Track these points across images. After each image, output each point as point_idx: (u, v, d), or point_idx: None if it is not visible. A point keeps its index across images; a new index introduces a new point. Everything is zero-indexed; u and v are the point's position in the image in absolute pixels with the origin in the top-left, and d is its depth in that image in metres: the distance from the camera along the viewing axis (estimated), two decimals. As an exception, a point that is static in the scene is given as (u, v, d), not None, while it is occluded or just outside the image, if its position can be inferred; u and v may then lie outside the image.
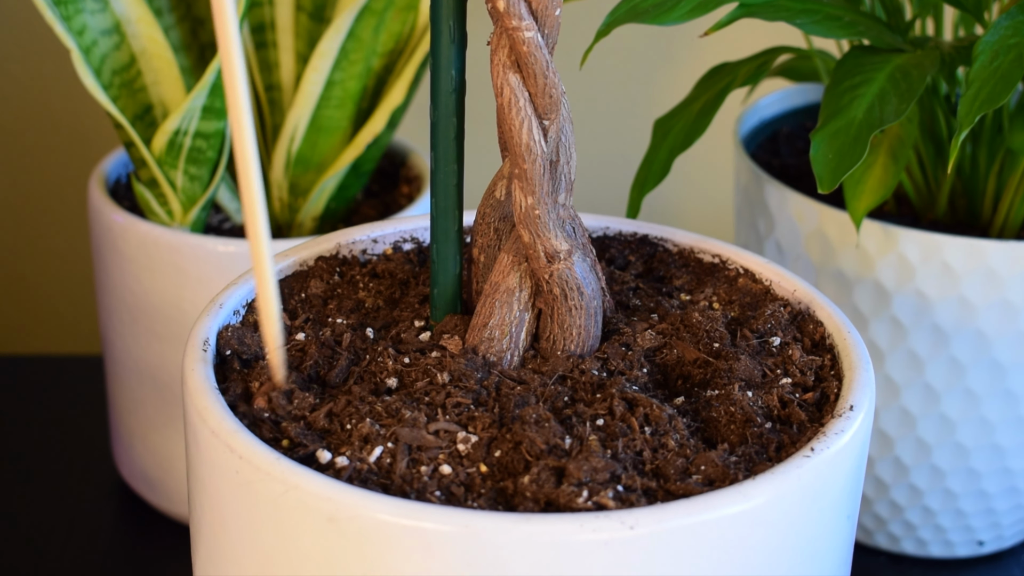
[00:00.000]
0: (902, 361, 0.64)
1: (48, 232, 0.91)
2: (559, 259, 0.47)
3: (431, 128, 0.48)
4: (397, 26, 0.70)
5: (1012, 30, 0.56)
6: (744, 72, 0.66)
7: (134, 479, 0.72)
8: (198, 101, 0.64)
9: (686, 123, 0.64)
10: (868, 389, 0.46)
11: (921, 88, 0.56)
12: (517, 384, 0.46)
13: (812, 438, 0.43)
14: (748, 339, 0.49)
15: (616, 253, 0.55)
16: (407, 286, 0.52)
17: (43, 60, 0.86)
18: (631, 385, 0.46)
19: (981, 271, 0.61)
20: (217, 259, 0.65)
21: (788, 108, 0.76)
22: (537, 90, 0.45)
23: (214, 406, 0.43)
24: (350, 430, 0.44)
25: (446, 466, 0.42)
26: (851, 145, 0.55)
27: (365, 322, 0.50)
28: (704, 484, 0.42)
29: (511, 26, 0.44)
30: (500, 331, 0.47)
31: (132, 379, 0.69)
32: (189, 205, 0.67)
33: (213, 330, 0.48)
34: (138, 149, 0.65)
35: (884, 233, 0.62)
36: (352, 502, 0.39)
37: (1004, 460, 0.66)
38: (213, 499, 0.43)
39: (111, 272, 0.68)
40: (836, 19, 0.59)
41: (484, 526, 0.39)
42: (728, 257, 0.54)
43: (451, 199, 0.49)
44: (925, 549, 0.70)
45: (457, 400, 0.45)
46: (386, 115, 0.68)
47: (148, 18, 0.66)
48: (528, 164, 0.45)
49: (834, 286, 0.65)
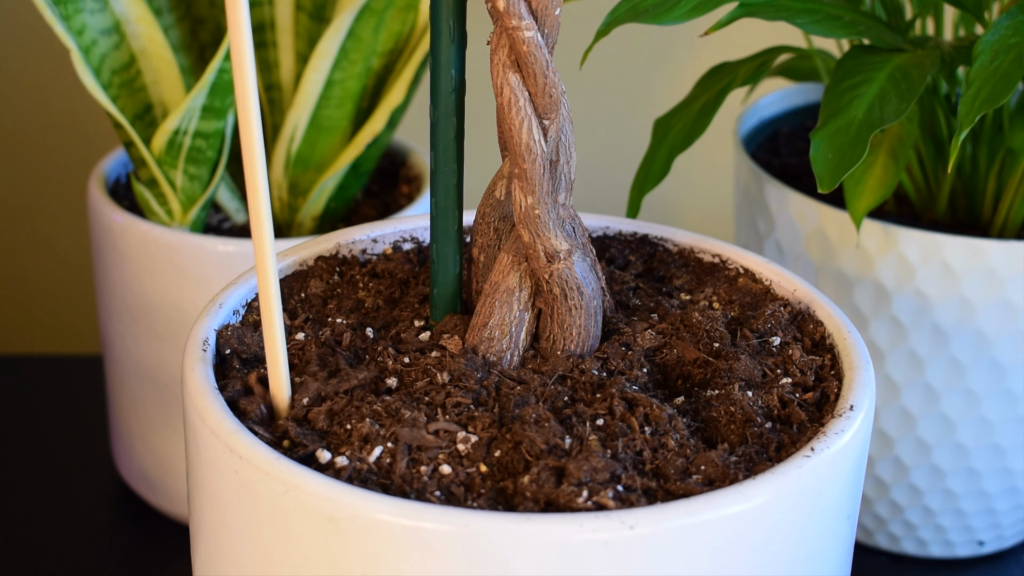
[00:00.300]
0: (902, 361, 0.64)
1: (48, 232, 0.91)
2: (559, 259, 0.47)
3: (431, 128, 0.48)
4: (397, 26, 0.70)
5: (1012, 30, 0.56)
6: (744, 72, 0.66)
7: (134, 479, 0.72)
8: (198, 101, 0.64)
9: (686, 123, 0.64)
10: (868, 389, 0.46)
11: (921, 88, 0.56)
12: (517, 384, 0.46)
13: (812, 438, 0.43)
14: (748, 339, 0.49)
15: (616, 253, 0.55)
16: (407, 286, 0.52)
17: (42, 60, 0.86)
18: (631, 385, 0.46)
19: (981, 271, 0.61)
20: (217, 259, 0.65)
21: (788, 108, 0.76)
22: (537, 90, 0.45)
23: (214, 406, 0.43)
24: (350, 430, 0.44)
25: (446, 466, 0.42)
26: (851, 145, 0.55)
27: (365, 322, 0.50)
28: (704, 484, 0.42)
29: (511, 25, 0.44)
30: (500, 331, 0.47)
31: (132, 379, 0.69)
32: (189, 205, 0.67)
33: (213, 330, 0.48)
34: (138, 149, 0.65)
35: (884, 233, 0.62)
36: (352, 502, 0.39)
37: (1004, 460, 0.66)
38: (213, 499, 0.43)
39: (111, 272, 0.68)
40: (836, 19, 0.59)
41: (484, 526, 0.39)
42: (728, 257, 0.54)
43: (451, 199, 0.49)
44: (925, 549, 0.70)
45: (457, 400, 0.45)
46: (386, 115, 0.68)
47: (148, 18, 0.66)
48: (528, 164, 0.45)
49: (834, 286, 0.64)
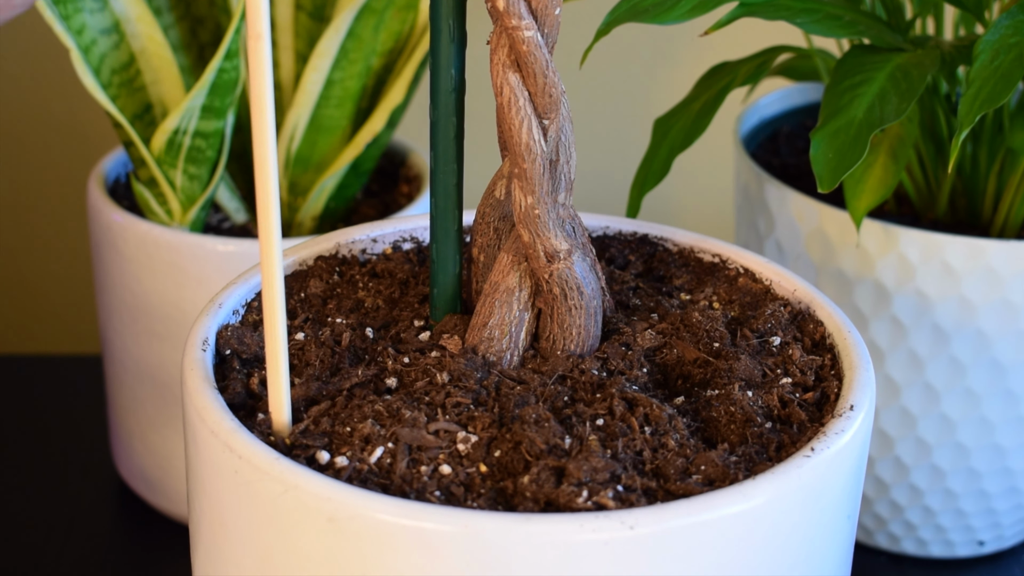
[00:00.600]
0: (902, 361, 0.64)
1: (47, 232, 0.91)
2: (559, 259, 0.47)
3: (431, 127, 0.48)
4: (397, 25, 0.70)
5: (1013, 29, 0.56)
6: (744, 71, 0.66)
7: (133, 479, 0.72)
8: (197, 100, 0.64)
9: (686, 122, 0.64)
10: (868, 389, 0.46)
11: (921, 87, 0.56)
12: (517, 384, 0.46)
13: (812, 438, 0.43)
14: (748, 339, 0.49)
15: (616, 253, 0.55)
16: (407, 286, 0.52)
17: (42, 59, 0.86)
18: (631, 385, 0.46)
19: (981, 271, 0.61)
20: (217, 259, 0.65)
21: (788, 107, 0.76)
22: (537, 89, 0.45)
23: (213, 406, 0.43)
24: (350, 430, 0.44)
25: (446, 466, 0.42)
26: (851, 144, 0.55)
27: (365, 322, 0.50)
28: (704, 484, 0.42)
29: (511, 25, 0.44)
30: (500, 331, 0.47)
31: (131, 379, 0.69)
32: (188, 204, 0.67)
33: (212, 330, 0.48)
34: (137, 148, 0.65)
35: (884, 233, 0.62)
36: (352, 502, 0.39)
37: (1004, 460, 0.66)
38: (212, 499, 0.43)
39: (110, 272, 0.68)
40: (836, 18, 0.59)
41: (484, 526, 0.39)
42: (728, 257, 0.54)
43: (451, 198, 0.48)
44: (925, 549, 0.70)
45: (457, 400, 0.45)
46: (386, 114, 0.68)
47: (147, 17, 0.66)
48: (528, 163, 0.45)
49: (834, 286, 0.64)
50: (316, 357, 0.47)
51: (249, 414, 0.45)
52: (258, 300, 0.50)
